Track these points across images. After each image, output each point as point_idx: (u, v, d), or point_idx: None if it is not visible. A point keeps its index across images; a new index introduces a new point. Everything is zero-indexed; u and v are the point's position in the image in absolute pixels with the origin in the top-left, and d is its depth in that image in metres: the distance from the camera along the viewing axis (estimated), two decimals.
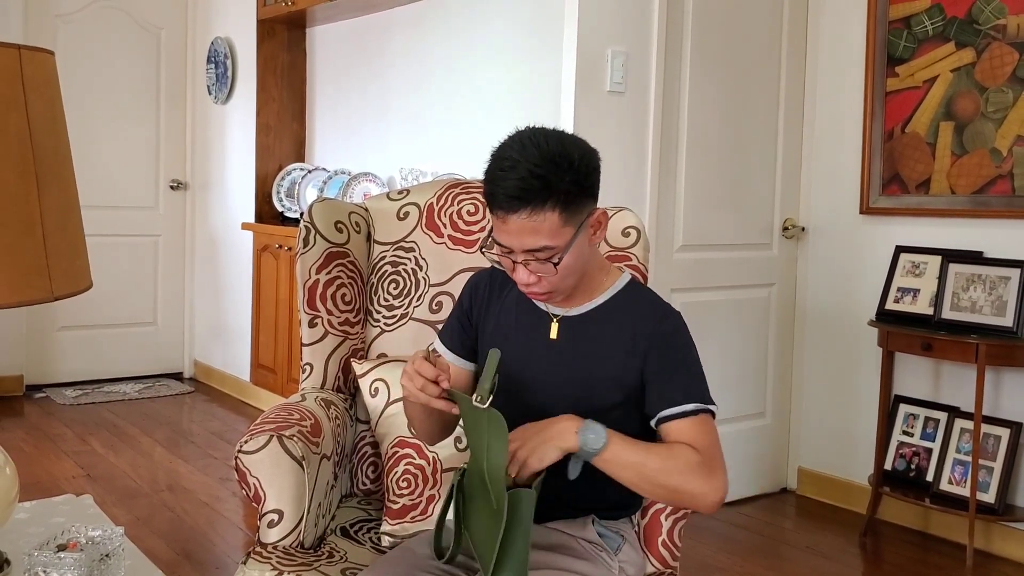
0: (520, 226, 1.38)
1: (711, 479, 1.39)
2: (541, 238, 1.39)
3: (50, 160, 1.30)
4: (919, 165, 3.32)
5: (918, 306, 3.16)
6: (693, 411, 1.44)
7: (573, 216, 1.40)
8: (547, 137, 1.40)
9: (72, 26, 4.99)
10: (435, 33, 3.89)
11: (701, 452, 1.40)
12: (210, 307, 5.31)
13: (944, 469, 3.10)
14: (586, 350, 1.51)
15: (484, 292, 1.64)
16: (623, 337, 1.49)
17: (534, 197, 1.36)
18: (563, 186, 1.37)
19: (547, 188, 1.36)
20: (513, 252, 1.42)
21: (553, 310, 1.56)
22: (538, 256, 1.40)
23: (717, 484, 1.39)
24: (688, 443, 1.41)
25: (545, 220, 1.37)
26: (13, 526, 1.68)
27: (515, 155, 1.38)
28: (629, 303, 1.53)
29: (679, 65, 3.25)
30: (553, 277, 1.43)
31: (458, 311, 1.67)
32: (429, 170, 3.84)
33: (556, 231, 1.39)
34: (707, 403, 1.45)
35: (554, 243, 1.39)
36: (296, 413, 1.74)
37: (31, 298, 1.28)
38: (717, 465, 1.41)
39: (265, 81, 4.74)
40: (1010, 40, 3.08)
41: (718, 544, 3.13)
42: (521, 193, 1.36)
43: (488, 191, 1.41)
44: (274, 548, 1.60)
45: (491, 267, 1.66)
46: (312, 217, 1.99)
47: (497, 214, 1.40)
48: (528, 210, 1.37)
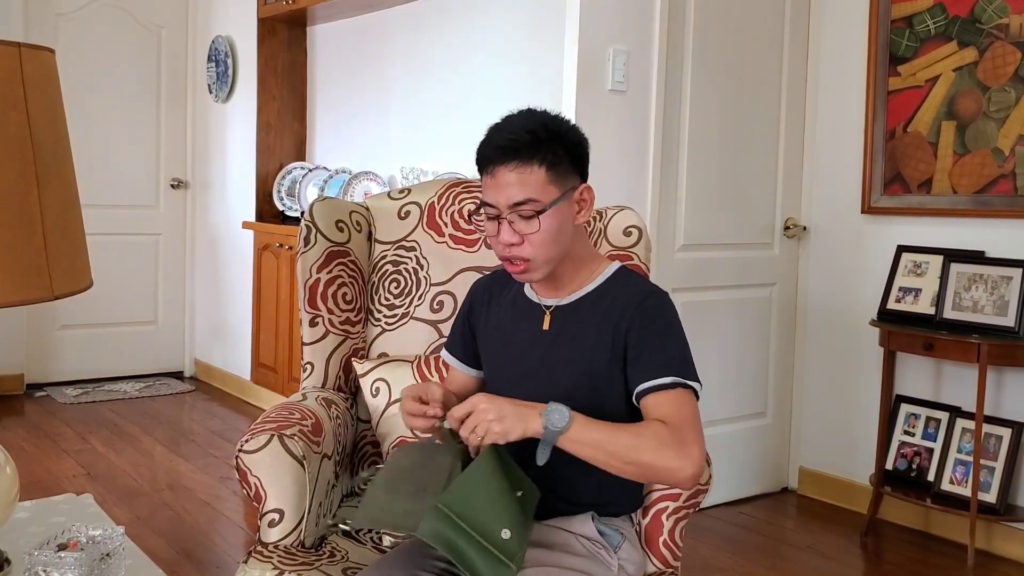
0: (507, 179, 1.46)
1: (682, 453, 1.36)
2: (527, 191, 1.45)
3: (50, 158, 1.30)
4: (921, 165, 3.31)
5: (920, 306, 3.16)
6: (670, 384, 1.43)
7: (559, 179, 1.48)
8: (541, 111, 1.53)
9: (73, 24, 4.99)
10: (436, 32, 3.88)
11: (673, 426, 1.38)
12: (211, 306, 5.30)
13: (945, 469, 3.10)
14: (579, 337, 1.53)
15: (484, 298, 1.69)
16: (611, 319, 1.51)
17: (523, 150, 1.45)
18: (551, 147, 1.47)
19: (536, 144, 1.46)
20: (499, 211, 1.47)
21: (545, 301, 1.58)
22: (522, 211, 1.46)
23: (690, 458, 1.36)
24: (661, 418, 1.40)
25: (532, 173, 1.46)
26: (13, 525, 1.68)
27: (508, 119, 1.51)
28: (617, 288, 1.55)
29: (681, 64, 3.25)
30: (535, 236, 1.46)
31: (461, 318, 1.73)
32: (430, 169, 3.83)
33: (542, 187, 1.46)
34: (686, 378, 1.44)
35: (539, 196, 1.46)
36: (297, 412, 1.74)
37: (31, 297, 1.27)
38: (690, 439, 1.38)
39: (266, 80, 4.74)
40: (1013, 39, 3.08)
41: (719, 544, 3.12)
42: (512, 144, 1.46)
43: (479, 150, 1.50)
44: (275, 547, 1.60)
45: (492, 272, 1.70)
46: (313, 216, 1.99)
47: (488, 170, 1.49)
48: (516, 162, 1.45)
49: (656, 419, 1.41)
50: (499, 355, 1.63)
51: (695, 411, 1.44)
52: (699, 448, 1.38)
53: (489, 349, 1.66)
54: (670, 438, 1.37)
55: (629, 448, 1.37)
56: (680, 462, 1.36)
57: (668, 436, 1.37)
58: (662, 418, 1.41)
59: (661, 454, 1.36)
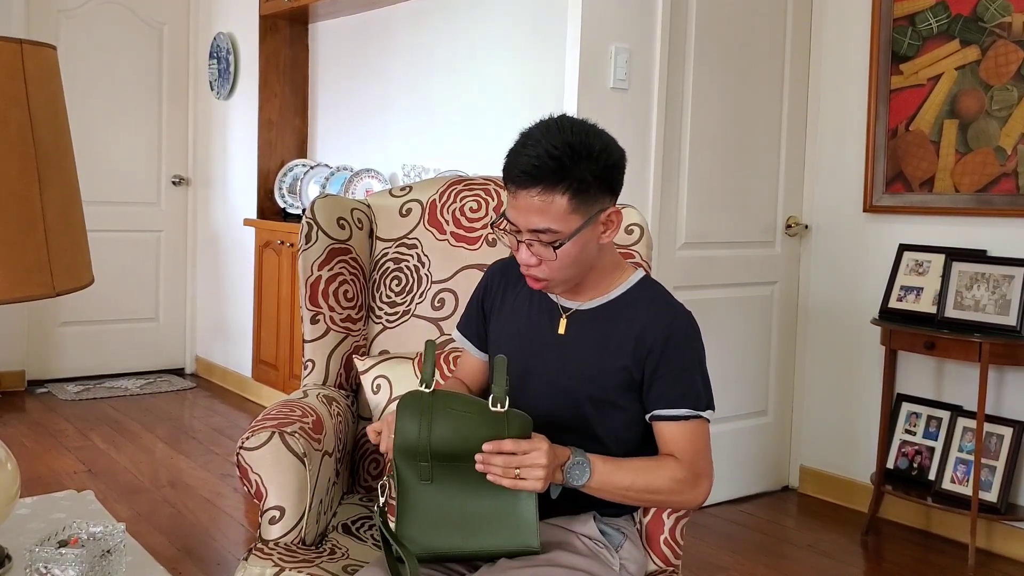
0: (528, 204, 1.40)
1: (696, 487, 1.47)
2: (547, 220, 1.40)
3: (52, 155, 1.30)
4: (923, 163, 3.31)
5: (921, 304, 3.16)
6: (685, 416, 1.47)
7: (583, 206, 1.41)
8: (572, 125, 1.42)
9: (74, 21, 4.99)
10: (438, 29, 3.88)
11: (687, 461, 1.46)
12: (212, 303, 5.31)
13: (946, 468, 3.10)
14: (595, 344, 1.52)
15: (500, 283, 1.67)
16: (633, 332, 1.50)
17: (547, 177, 1.38)
18: (577, 173, 1.38)
19: (561, 171, 1.38)
20: (519, 231, 1.44)
21: (564, 303, 1.57)
22: (541, 238, 1.42)
23: (702, 488, 1.48)
24: (676, 452, 1.47)
25: (553, 203, 1.39)
26: (14, 522, 1.68)
27: (537, 135, 1.41)
28: (641, 299, 1.54)
29: (682, 62, 3.24)
30: (553, 263, 1.44)
31: (476, 300, 1.71)
32: (432, 166, 3.83)
33: (563, 216, 1.40)
34: (701, 409, 1.48)
35: (559, 228, 1.40)
36: (298, 409, 1.74)
37: (33, 294, 1.27)
38: (703, 471, 1.48)
39: (267, 77, 4.74)
40: (1015, 38, 3.07)
41: (720, 542, 3.12)
42: (534, 171, 1.38)
43: (505, 165, 1.44)
44: (275, 545, 1.60)
45: (508, 259, 1.67)
46: (314, 213, 1.99)
47: (510, 189, 1.43)
48: (539, 189, 1.39)
49: (670, 454, 1.48)
50: (509, 347, 1.59)
51: (707, 441, 1.50)
52: (710, 477, 1.49)
53: (499, 337, 1.64)
54: (685, 477, 1.46)
55: (645, 491, 1.47)
56: (693, 495, 1.48)
57: (683, 475, 1.46)
58: (677, 452, 1.47)
59: (677, 495, 1.48)
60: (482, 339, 1.69)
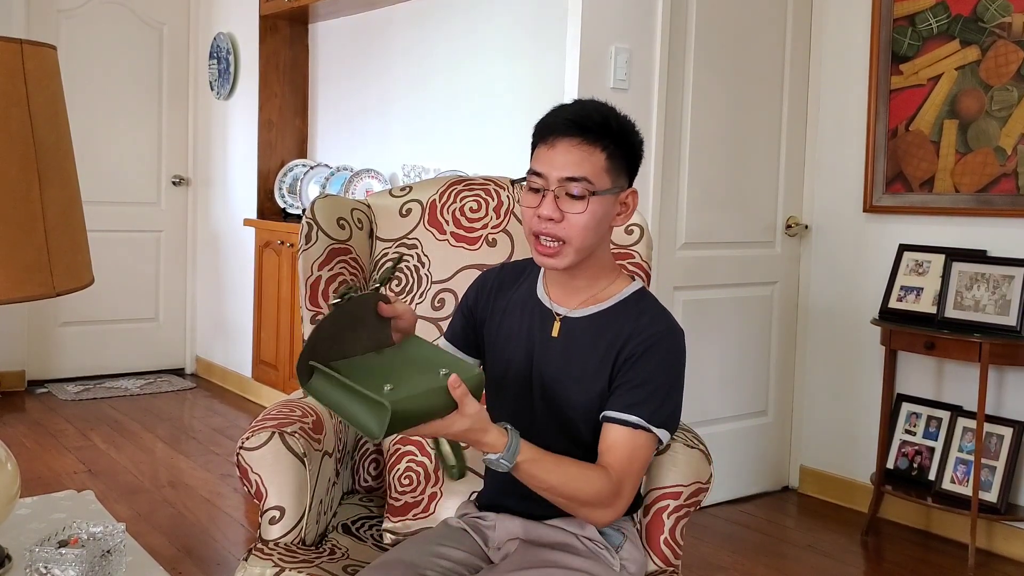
0: (568, 151, 1.43)
1: (611, 506, 1.40)
2: (585, 168, 1.43)
3: (52, 155, 1.30)
4: (923, 163, 3.31)
5: (921, 305, 3.16)
6: (634, 424, 1.42)
7: (612, 172, 1.46)
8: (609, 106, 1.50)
9: (74, 21, 4.99)
10: (438, 29, 3.88)
11: (614, 478, 1.39)
12: (212, 303, 5.31)
13: (946, 468, 3.10)
14: (585, 351, 1.51)
15: (492, 289, 1.65)
16: (619, 342, 1.48)
17: (591, 130, 1.43)
18: (615, 138, 1.45)
19: (605, 128, 1.44)
20: (548, 181, 1.44)
21: (556, 308, 1.56)
22: (573, 188, 1.42)
23: (614, 509, 1.41)
24: (610, 462, 1.41)
25: (593, 155, 1.43)
26: (14, 522, 1.68)
27: (580, 101, 1.50)
28: (632, 311, 1.51)
29: (682, 62, 3.24)
30: (578, 218, 1.42)
31: (461, 307, 1.68)
32: (432, 167, 3.83)
33: (598, 172, 1.44)
34: (654, 424, 1.43)
35: (595, 180, 1.43)
36: (298, 410, 1.74)
37: (33, 294, 1.27)
38: (625, 492, 1.41)
39: (267, 77, 4.74)
40: (1015, 38, 3.07)
41: (720, 542, 3.12)
42: (582, 121, 1.43)
43: (544, 119, 1.47)
44: (275, 545, 1.60)
45: (501, 265, 1.66)
46: (314, 213, 1.99)
47: (547, 140, 1.45)
48: (581, 139, 1.42)
49: (603, 465, 1.41)
50: (504, 350, 1.60)
51: (645, 462, 1.45)
52: (628, 499, 1.43)
53: (494, 341, 1.63)
54: (607, 494, 1.39)
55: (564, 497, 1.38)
56: (602, 513, 1.41)
57: (607, 491, 1.39)
58: (612, 461, 1.41)
59: (589, 508, 1.40)
60: (471, 346, 1.65)
